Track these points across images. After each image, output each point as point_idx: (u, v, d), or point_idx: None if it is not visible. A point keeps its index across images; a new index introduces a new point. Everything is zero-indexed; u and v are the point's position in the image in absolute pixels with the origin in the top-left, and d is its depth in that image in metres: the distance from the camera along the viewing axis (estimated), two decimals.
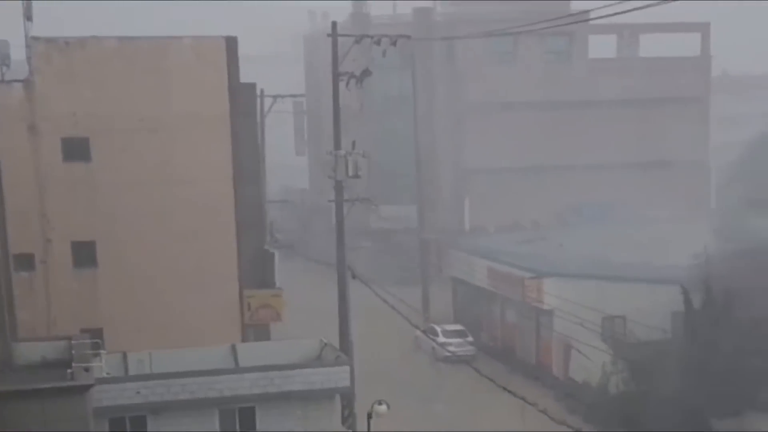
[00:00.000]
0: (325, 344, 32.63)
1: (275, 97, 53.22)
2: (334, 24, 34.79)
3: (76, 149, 33.63)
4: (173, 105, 34.13)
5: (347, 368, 30.62)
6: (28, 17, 34.04)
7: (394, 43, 34.88)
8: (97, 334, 29.92)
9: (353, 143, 33.57)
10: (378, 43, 34.81)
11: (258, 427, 29.85)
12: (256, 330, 36.87)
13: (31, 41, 33.24)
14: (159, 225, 34.27)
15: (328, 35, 34.28)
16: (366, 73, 33.52)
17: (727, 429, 31.72)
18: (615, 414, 35.37)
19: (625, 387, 36.74)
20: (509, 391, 28.83)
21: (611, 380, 38.27)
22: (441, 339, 46.99)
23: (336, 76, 33.89)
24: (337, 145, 33.85)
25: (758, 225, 41.24)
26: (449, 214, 66.18)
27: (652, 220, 55.47)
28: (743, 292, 32.20)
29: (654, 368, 34.91)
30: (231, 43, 34.59)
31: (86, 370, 24.38)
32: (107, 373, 28.37)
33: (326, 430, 30.09)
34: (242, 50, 35.15)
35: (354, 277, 33.85)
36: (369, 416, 26.27)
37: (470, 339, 48.36)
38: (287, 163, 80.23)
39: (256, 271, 36.78)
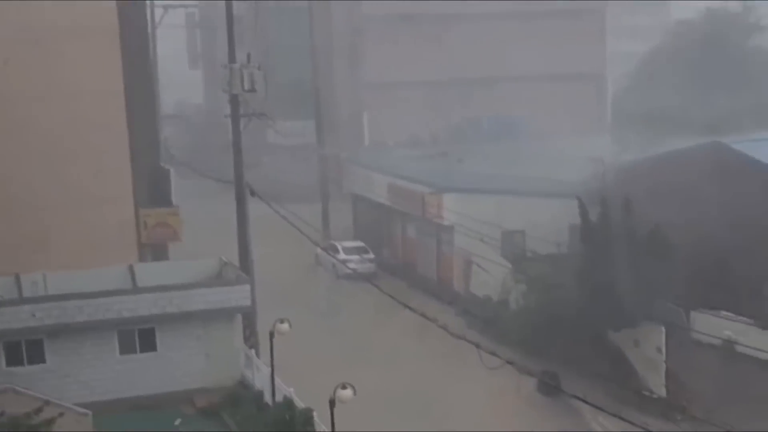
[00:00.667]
0: (225, 263, 32.13)
1: (166, 7, 51.39)
2: None
3: None
4: (57, 16, 32.49)
5: (248, 287, 30.26)
6: None
7: None
8: None
9: (248, 56, 32.55)
10: None
11: (158, 348, 29.39)
12: (154, 250, 35.98)
13: None
14: (46, 142, 32.93)
15: None
16: None
17: (623, 340, 32.31)
18: (514, 328, 35.80)
19: (525, 301, 37.10)
20: (409, 308, 28.77)
21: (511, 295, 38.66)
22: (341, 256, 46.73)
23: None
24: (232, 58, 32.77)
25: (652, 135, 41.79)
26: (348, 129, 65.41)
27: (551, 134, 55.84)
28: (639, 203, 32.53)
29: (552, 282, 35.29)
30: None
31: None
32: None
33: (228, 348, 29.86)
34: None
35: (253, 194, 33.13)
36: (271, 335, 25.86)
37: (371, 256, 48.25)
38: (181, 77, 78.03)
39: (151, 189, 35.75)
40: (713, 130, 37.95)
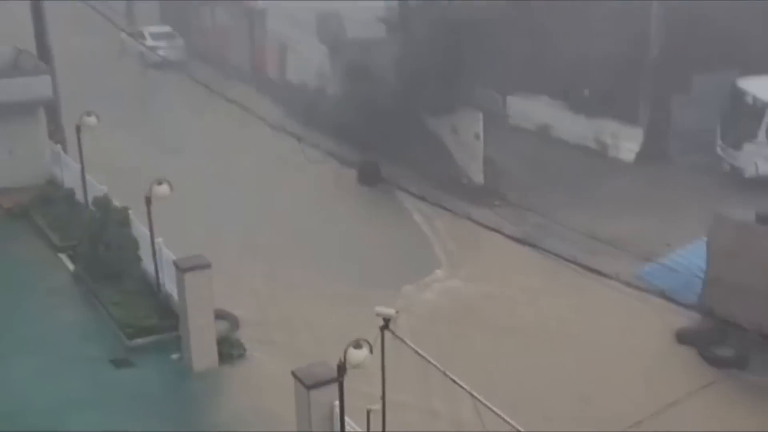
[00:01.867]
0: (21, 51, 29.77)
1: None
2: None
3: None
4: None
5: (48, 77, 28.30)
6: None
7: None
8: None
9: None
10: None
11: None
12: None
13: None
14: None
15: None
16: None
17: (442, 127, 32.27)
18: (332, 116, 35.23)
19: (343, 88, 36.35)
20: (225, 97, 27.67)
21: (328, 82, 37.82)
22: (149, 42, 44.42)
23: None
24: None
25: None
26: None
27: None
28: None
29: (370, 68, 34.54)
30: None
31: None
32: None
33: (32, 144, 28.13)
34: None
35: None
36: (78, 129, 24.35)
37: (180, 41, 46.07)
38: None
39: None
40: None
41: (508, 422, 12.22)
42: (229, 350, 20.25)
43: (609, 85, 32.65)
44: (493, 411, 12.44)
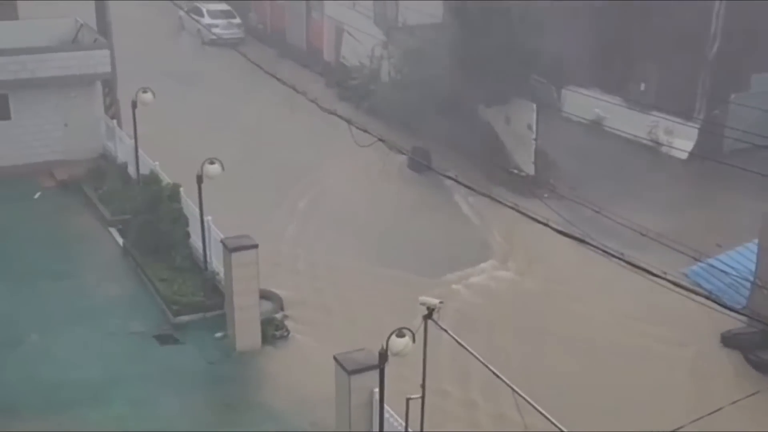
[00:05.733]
0: (81, 25, 30.16)
1: None
2: None
3: None
4: None
5: (107, 52, 28.66)
6: None
7: None
8: None
9: None
10: None
11: (12, 116, 27.83)
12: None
13: None
14: None
15: None
16: None
17: (495, 117, 32.10)
18: (385, 101, 35.21)
19: (397, 74, 36.32)
20: (277, 79, 27.62)
21: (383, 67, 37.80)
22: (206, 20, 44.70)
23: None
24: None
25: None
26: None
27: None
28: None
29: (426, 54, 34.44)
30: None
31: None
32: None
33: (88, 118, 28.53)
34: None
35: None
36: (133, 105, 24.61)
37: (238, 21, 46.31)
38: None
39: None
40: None
41: (548, 418, 12.18)
42: (272, 331, 20.43)
43: (667, 80, 32.27)
44: (534, 406, 12.40)
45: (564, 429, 11.97)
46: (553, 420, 11.98)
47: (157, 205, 22.81)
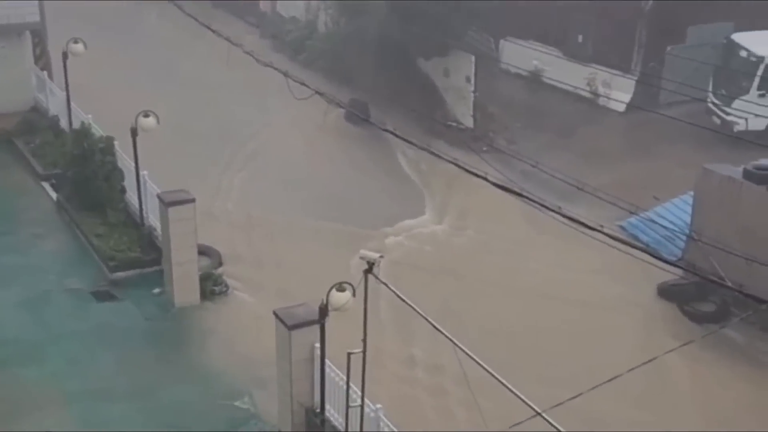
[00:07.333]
0: None
1: None
2: None
3: None
4: None
5: (35, 2, 27.85)
6: None
7: None
8: None
9: None
10: None
11: None
12: None
13: None
14: None
15: None
16: None
17: (433, 69, 31.93)
18: (322, 54, 34.86)
19: (334, 25, 35.92)
20: (212, 30, 27.10)
21: (319, 18, 37.34)
22: None
23: None
24: None
25: None
26: None
27: None
28: None
29: (363, 6, 34.04)
30: None
31: None
32: None
33: (17, 70, 27.76)
34: None
35: None
36: (64, 56, 24.01)
37: None
38: None
39: None
40: None
41: (488, 371, 12.20)
42: (211, 286, 20.23)
43: (604, 33, 32.36)
44: (474, 359, 12.41)
45: (504, 381, 12.01)
46: (490, 370, 11.99)
47: (90, 159, 22.33)
